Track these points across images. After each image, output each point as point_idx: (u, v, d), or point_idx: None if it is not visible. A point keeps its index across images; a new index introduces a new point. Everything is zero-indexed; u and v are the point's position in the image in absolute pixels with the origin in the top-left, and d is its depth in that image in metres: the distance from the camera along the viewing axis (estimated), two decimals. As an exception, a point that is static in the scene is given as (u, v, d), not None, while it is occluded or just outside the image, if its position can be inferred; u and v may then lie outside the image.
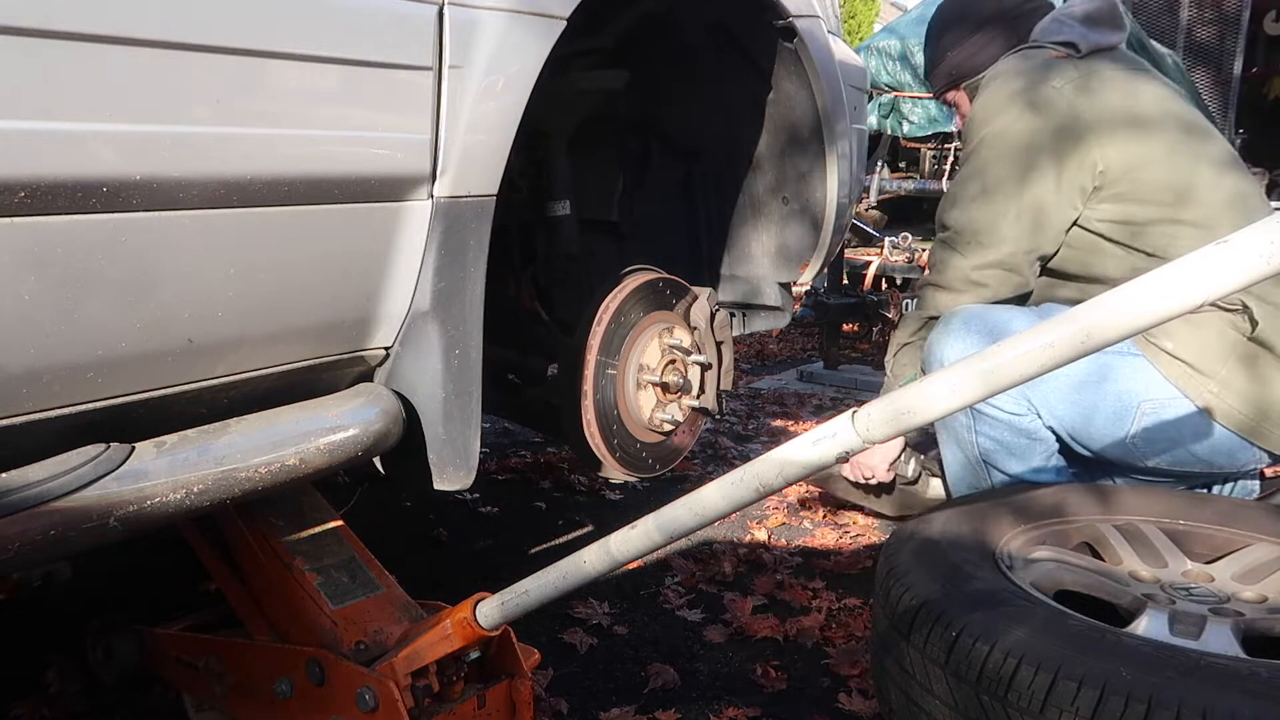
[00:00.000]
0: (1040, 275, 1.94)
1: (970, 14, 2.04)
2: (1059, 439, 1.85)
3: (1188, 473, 1.84)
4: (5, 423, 0.92)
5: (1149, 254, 1.79)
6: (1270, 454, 1.77)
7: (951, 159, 7.52)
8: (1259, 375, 1.70)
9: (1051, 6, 1.99)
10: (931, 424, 1.94)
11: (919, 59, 8.00)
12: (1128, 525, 1.51)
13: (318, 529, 1.42)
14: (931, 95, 2.28)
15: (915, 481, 2.25)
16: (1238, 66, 8.73)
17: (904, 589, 1.26)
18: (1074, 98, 1.81)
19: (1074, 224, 1.85)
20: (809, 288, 4.63)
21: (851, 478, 2.24)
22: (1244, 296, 1.71)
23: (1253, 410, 1.70)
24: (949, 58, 2.07)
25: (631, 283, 1.72)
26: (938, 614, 1.18)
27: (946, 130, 7.80)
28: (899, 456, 2.19)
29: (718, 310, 1.85)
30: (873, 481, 2.22)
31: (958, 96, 2.12)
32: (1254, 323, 1.69)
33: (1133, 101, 1.82)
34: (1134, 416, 1.75)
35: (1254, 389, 1.70)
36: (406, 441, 1.25)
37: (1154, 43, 6.85)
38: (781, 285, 2.16)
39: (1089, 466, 1.93)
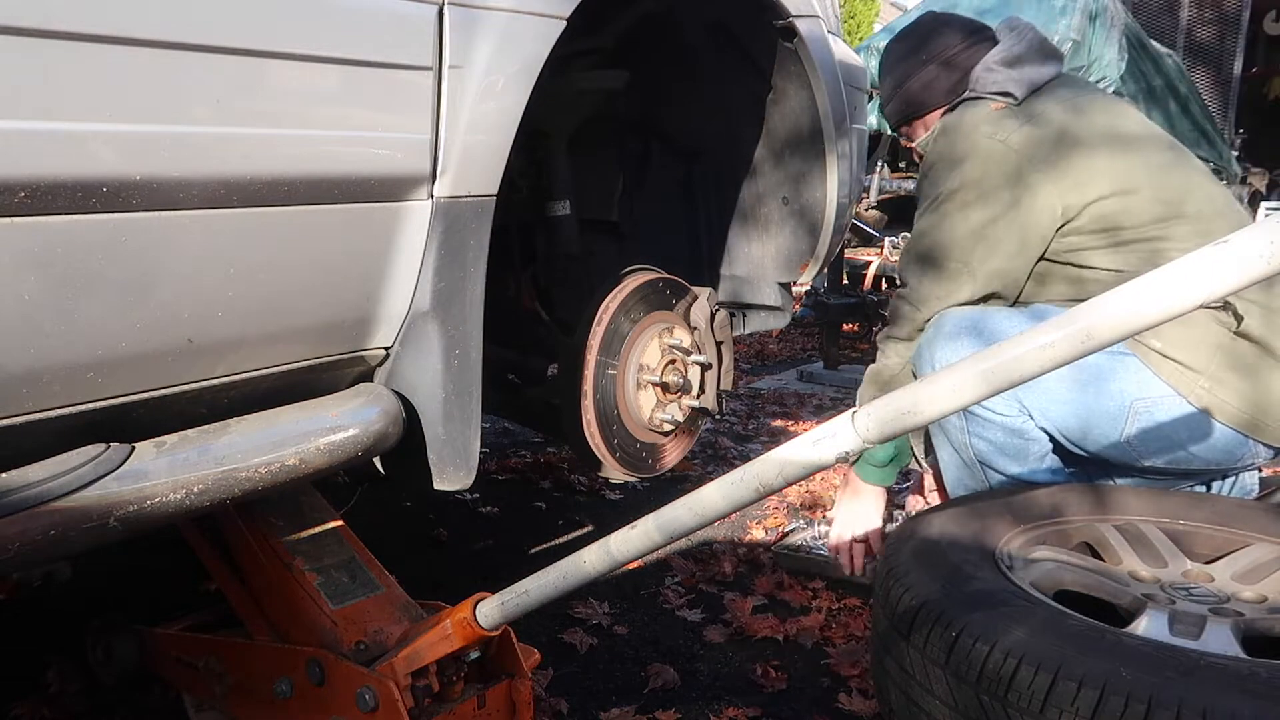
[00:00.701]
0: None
1: (919, 49, 2.04)
2: (1056, 441, 1.85)
3: (1187, 470, 1.84)
4: (5, 423, 0.92)
5: (1119, 270, 1.79)
6: (1269, 447, 1.77)
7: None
8: (1250, 369, 1.71)
9: (996, 40, 1.99)
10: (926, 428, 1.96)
11: (918, 59, 7.99)
12: (1128, 525, 1.51)
13: (318, 529, 1.42)
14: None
15: None
16: (1238, 66, 8.73)
17: (904, 589, 1.26)
18: (1018, 148, 1.81)
19: (1040, 259, 1.85)
20: (809, 288, 4.63)
21: (847, 568, 2.09)
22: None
23: (1246, 404, 1.71)
24: (899, 94, 2.07)
25: (631, 283, 1.72)
26: (938, 614, 1.18)
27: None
28: (885, 524, 2.11)
29: (718, 310, 1.86)
30: (866, 566, 2.07)
31: (911, 130, 2.13)
32: (1239, 318, 1.69)
33: (1078, 133, 1.83)
34: (1128, 416, 1.75)
35: (1246, 383, 1.70)
36: (406, 441, 1.25)
37: (1154, 43, 6.85)
38: (781, 285, 2.16)
39: (1088, 466, 1.92)
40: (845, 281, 4.93)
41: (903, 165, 8.41)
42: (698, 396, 1.81)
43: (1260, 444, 1.75)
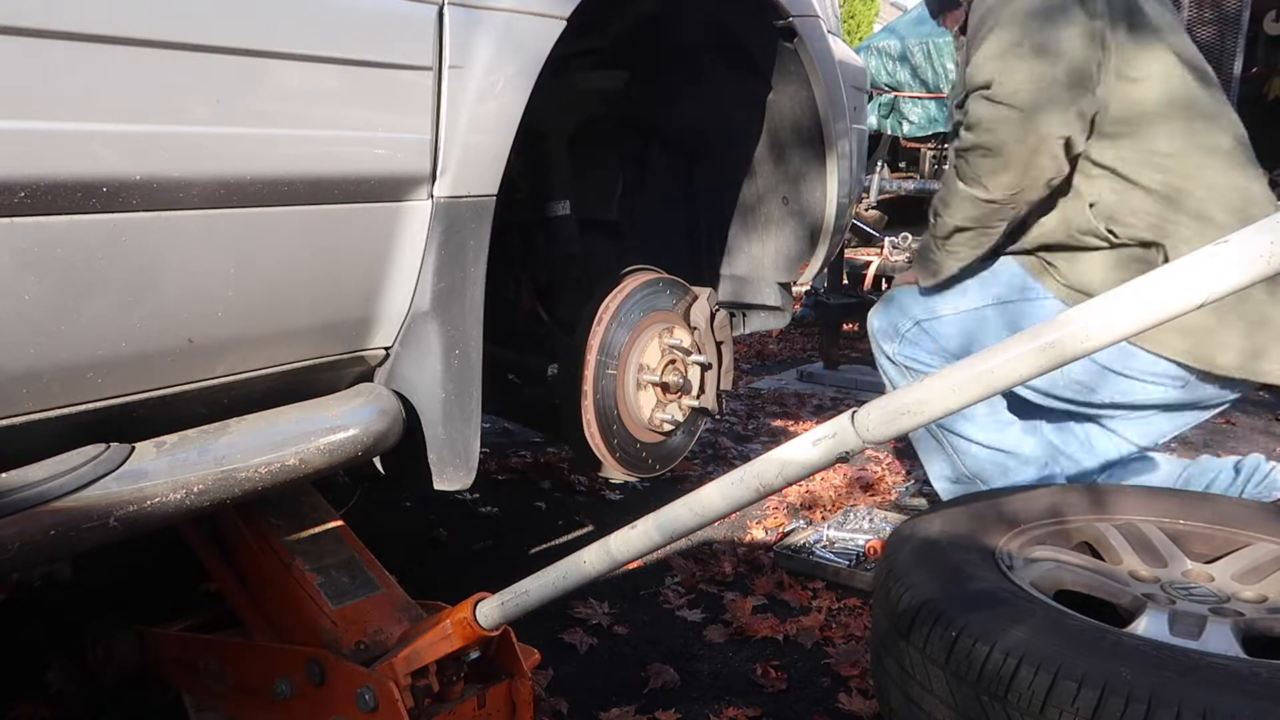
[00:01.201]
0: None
1: None
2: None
3: (1142, 404, 1.89)
4: (5, 423, 0.92)
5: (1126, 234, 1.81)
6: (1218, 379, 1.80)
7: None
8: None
9: None
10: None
11: (919, 59, 7.99)
12: (1128, 525, 1.51)
13: (318, 529, 1.42)
14: (931, 95, 2.26)
15: None
16: (1238, 66, 8.71)
17: (904, 589, 1.26)
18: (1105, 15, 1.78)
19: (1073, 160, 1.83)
20: (809, 288, 4.63)
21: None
22: (1153, 232, 1.78)
23: (1188, 336, 1.75)
24: None
25: (631, 283, 1.72)
26: (938, 614, 1.18)
27: (946, 130, 7.80)
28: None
29: (718, 310, 1.85)
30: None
31: (952, 18, 2.09)
32: (1166, 258, 1.74)
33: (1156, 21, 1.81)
34: None
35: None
36: (406, 441, 1.25)
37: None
38: (781, 285, 2.15)
39: (1051, 415, 1.98)
40: (845, 281, 4.92)
41: (903, 165, 8.42)
42: (698, 396, 1.81)
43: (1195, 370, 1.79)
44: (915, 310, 2.05)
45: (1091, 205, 1.83)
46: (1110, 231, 1.81)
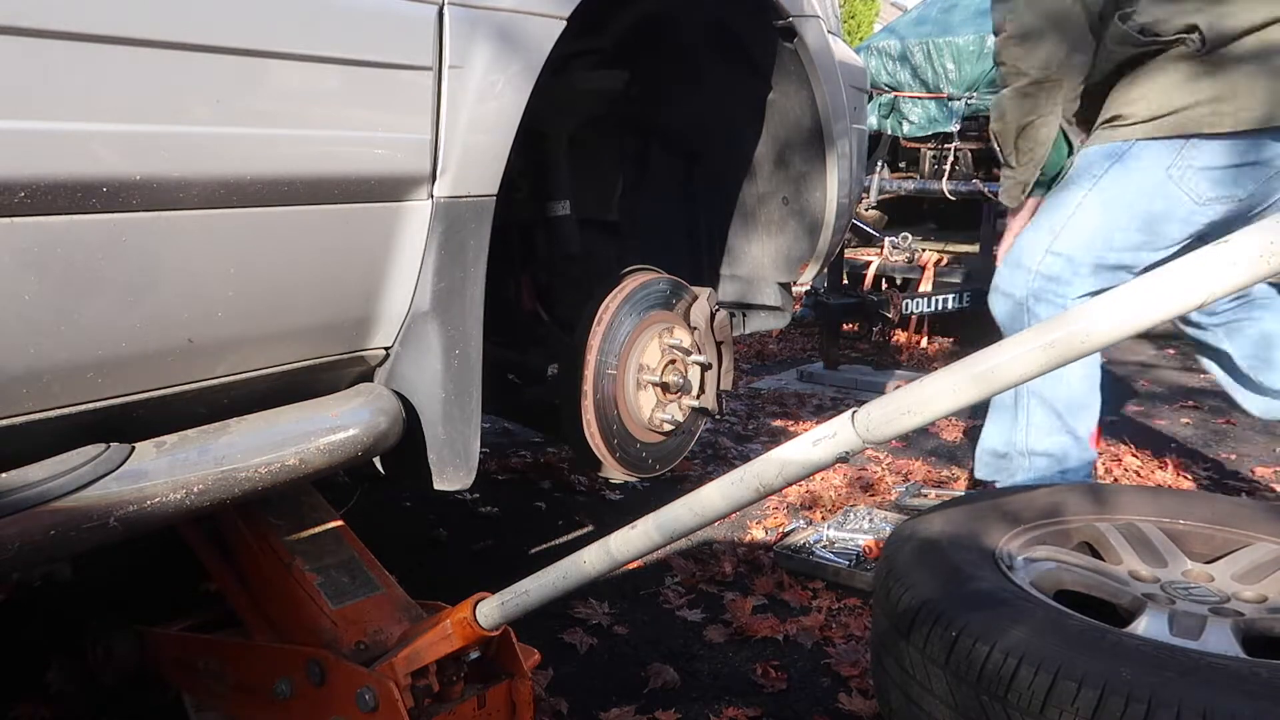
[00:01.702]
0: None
1: None
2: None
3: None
4: (5, 423, 0.92)
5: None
6: None
7: (951, 159, 7.52)
8: (1234, 70, 1.76)
9: None
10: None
11: (919, 59, 7.99)
12: (1127, 525, 1.51)
13: (318, 529, 1.42)
14: (931, 95, 2.27)
15: None
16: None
17: (904, 589, 1.26)
18: None
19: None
20: (809, 288, 4.63)
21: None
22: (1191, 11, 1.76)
23: (1265, 99, 1.75)
24: None
25: (631, 283, 1.72)
26: (938, 614, 1.18)
27: (946, 130, 7.78)
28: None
29: (718, 310, 1.85)
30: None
31: None
32: (1204, 39, 1.74)
33: None
34: (1180, 201, 1.82)
35: (1240, 82, 1.75)
36: (406, 441, 1.25)
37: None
38: (781, 285, 2.16)
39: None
40: (845, 281, 4.93)
41: (903, 165, 8.40)
42: (698, 396, 1.81)
43: None
44: (1034, 245, 2.00)
45: (1125, 20, 1.86)
46: (1151, 30, 1.83)
